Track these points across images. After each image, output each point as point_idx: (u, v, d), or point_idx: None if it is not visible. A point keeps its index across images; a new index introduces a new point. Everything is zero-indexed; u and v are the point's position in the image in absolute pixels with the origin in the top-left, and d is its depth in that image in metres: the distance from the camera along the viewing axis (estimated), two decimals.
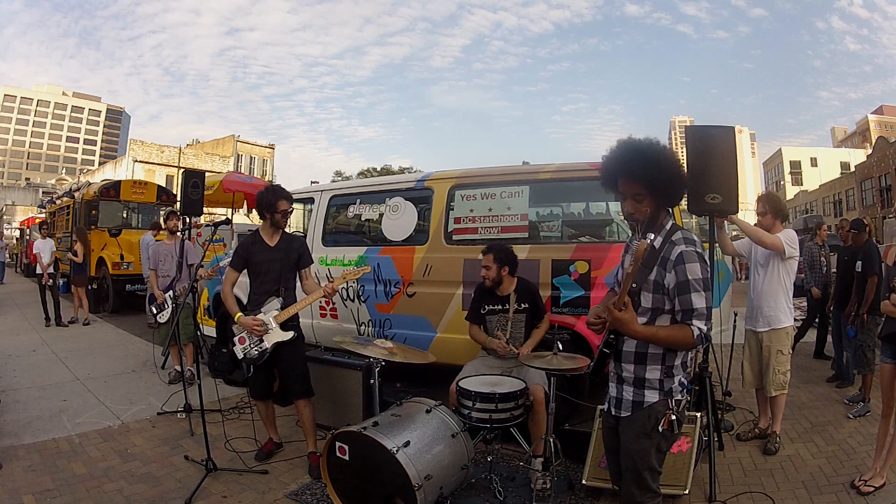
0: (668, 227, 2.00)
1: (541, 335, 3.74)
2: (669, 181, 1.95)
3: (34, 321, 9.32)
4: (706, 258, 1.96)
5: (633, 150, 1.97)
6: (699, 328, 1.87)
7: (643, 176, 1.94)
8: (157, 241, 8.67)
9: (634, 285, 1.97)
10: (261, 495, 3.26)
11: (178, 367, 5.52)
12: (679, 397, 2.00)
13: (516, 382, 3.22)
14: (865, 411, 4.51)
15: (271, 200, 3.58)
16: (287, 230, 3.82)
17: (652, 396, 1.98)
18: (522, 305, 3.75)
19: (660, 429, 1.95)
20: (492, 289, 3.78)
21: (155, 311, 5.51)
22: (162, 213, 12.19)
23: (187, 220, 7.15)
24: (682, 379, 2.03)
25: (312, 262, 3.86)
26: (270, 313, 3.56)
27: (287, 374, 3.65)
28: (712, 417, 3.56)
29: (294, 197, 6.00)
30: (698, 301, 1.88)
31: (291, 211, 3.67)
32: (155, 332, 5.93)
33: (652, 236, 1.88)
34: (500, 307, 3.77)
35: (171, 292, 5.43)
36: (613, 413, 2.10)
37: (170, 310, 5.37)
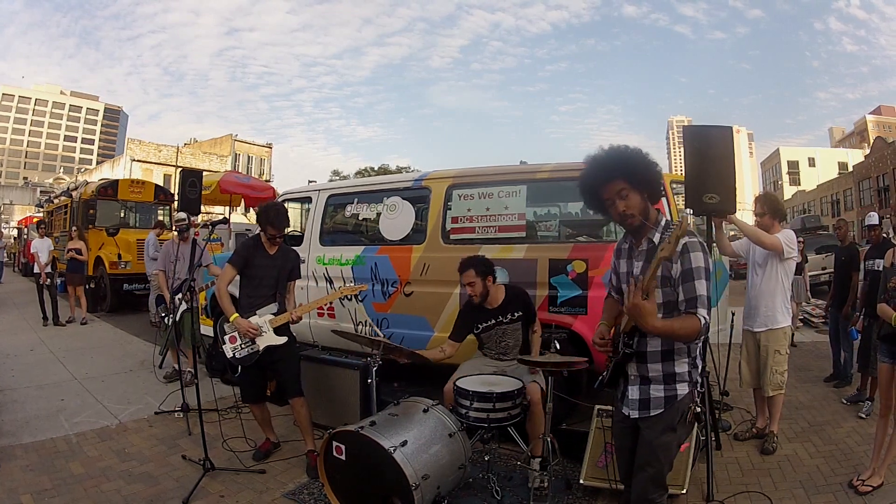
0: (662, 223, 2.09)
1: (538, 339, 3.70)
2: (642, 166, 2.04)
3: (32, 320, 9.30)
4: (707, 248, 2.03)
5: (601, 158, 2.08)
6: (703, 317, 1.91)
7: (618, 171, 2.03)
8: (160, 240, 8.68)
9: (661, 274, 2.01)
10: (258, 495, 3.26)
11: (175, 366, 5.51)
12: (700, 389, 2.09)
13: (514, 382, 3.22)
14: (872, 409, 4.49)
15: (262, 223, 3.65)
16: (286, 230, 3.85)
17: (683, 389, 2.03)
18: (516, 314, 3.65)
19: (686, 420, 2.04)
20: (481, 304, 3.65)
21: (163, 314, 5.47)
22: (171, 214, 12.16)
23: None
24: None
25: (300, 278, 3.95)
26: (265, 316, 3.58)
27: (282, 374, 3.70)
28: (710, 417, 3.56)
29: (291, 196, 6.08)
30: (700, 288, 1.93)
31: (280, 237, 3.69)
32: (157, 332, 5.92)
33: (690, 210, 1.96)
34: (493, 321, 3.66)
35: (179, 294, 5.40)
36: (638, 415, 2.07)
37: (179, 312, 5.33)
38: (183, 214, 6.01)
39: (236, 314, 3.53)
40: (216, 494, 3.25)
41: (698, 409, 2.02)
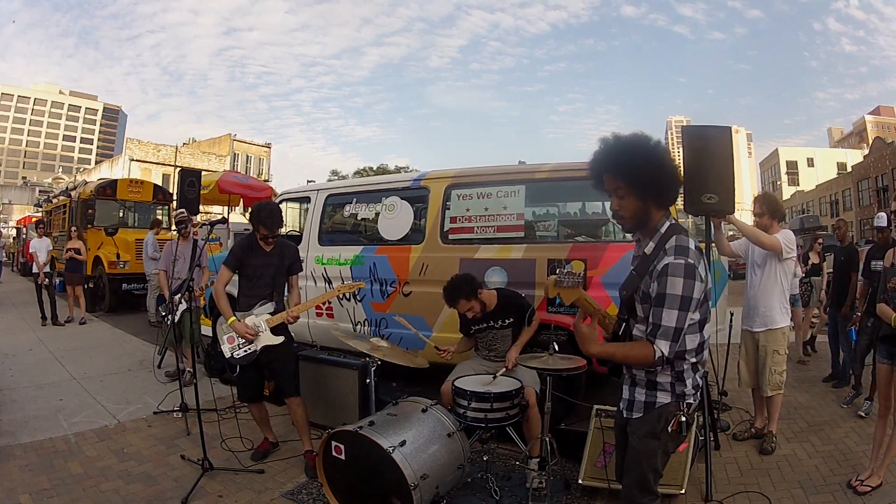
0: (662, 230, 1.91)
1: (529, 335, 3.66)
2: (649, 174, 1.85)
3: (31, 320, 9.28)
4: (700, 272, 1.83)
5: (611, 145, 1.93)
6: (661, 350, 1.79)
7: (619, 169, 1.89)
8: (158, 239, 8.68)
9: (624, 293, 1.97)
10: (257, 495, 3.26)
11: (177, 363, 5.49)
12: (691, 400, 1.95)
13: (512, 382, 3.22)
14: (871, 409, 4.49)
15: (254, 223, 3.61)
16: (283, 230, 3.83)
17: (664, 398, 1.94)
18: (507, 321, 3.66)
19: (669, 429, 1.92)
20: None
21: (164, 313, 5.47)
22: (169, 214, 12.15)
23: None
24: (697, 380, 1.97)
25: (301, 271, 3.90)
26: (262, 316, 3.58)
27: (279, 374, 3.69)
28: (708, 417, 3.56)
29: (290, 196, 6.08)
30: (668, 318, 1.78)
31: (272, 238, 3.63)
32: (159, 332, 5.91)
33: (555, 274, 1.83)
34: (485, 325, 3.70)
35: (178, 294, 5.39)
36: (625, 415, 2.05)
37: (179, 312, 5.33)
38: (182, 210, 6.01)
39: (233, 317, 3.51)
40: (215, 494, 3.25)
41: (683, 419, 1.93)
